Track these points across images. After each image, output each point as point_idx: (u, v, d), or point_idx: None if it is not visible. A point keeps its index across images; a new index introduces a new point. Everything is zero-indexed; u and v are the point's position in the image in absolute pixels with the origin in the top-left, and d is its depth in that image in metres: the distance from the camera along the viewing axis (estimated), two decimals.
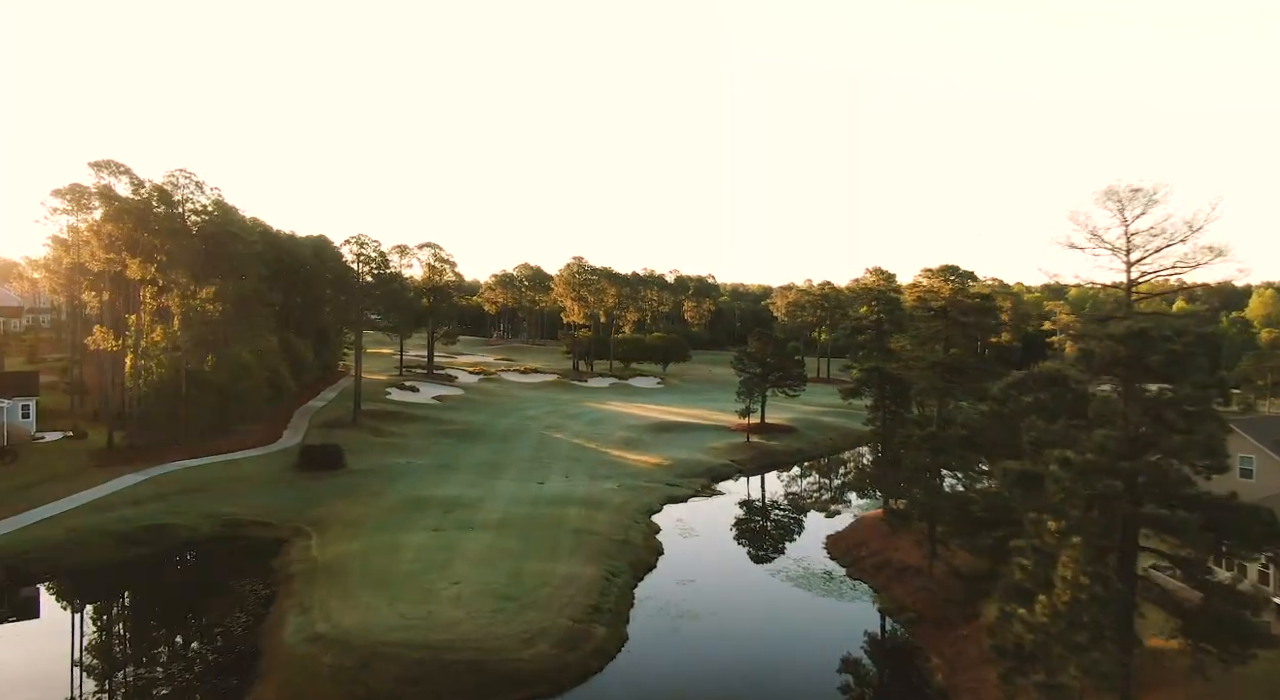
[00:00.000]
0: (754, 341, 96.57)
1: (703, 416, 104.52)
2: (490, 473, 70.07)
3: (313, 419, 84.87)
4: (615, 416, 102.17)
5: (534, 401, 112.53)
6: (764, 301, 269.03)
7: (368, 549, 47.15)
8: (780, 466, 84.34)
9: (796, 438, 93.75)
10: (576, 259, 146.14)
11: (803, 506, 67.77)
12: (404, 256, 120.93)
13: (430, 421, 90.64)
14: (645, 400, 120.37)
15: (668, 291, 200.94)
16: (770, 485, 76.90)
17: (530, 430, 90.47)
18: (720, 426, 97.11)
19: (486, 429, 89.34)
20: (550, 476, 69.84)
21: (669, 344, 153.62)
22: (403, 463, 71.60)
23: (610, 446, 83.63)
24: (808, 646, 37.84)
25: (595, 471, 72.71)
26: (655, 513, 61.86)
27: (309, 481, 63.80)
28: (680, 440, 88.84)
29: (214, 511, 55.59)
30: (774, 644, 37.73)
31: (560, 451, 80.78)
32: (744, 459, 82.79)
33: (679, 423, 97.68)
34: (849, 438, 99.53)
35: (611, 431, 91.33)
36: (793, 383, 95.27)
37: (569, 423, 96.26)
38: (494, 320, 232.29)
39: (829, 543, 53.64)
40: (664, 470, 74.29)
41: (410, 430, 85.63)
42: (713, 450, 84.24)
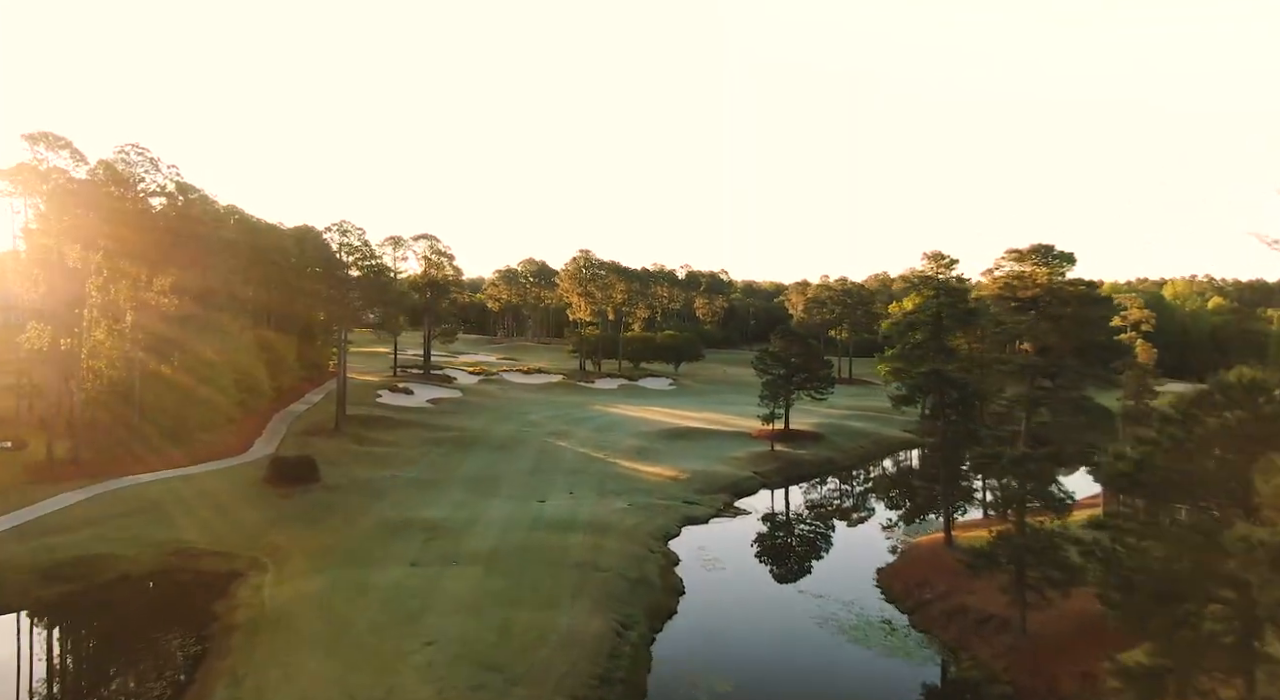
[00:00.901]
0: (777, 340, 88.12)
1: (720, 421, 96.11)
2: (484, 489, 61.87)
3: (292, 425, 76.82)
4: (625, 422, 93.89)
5: (537, 405, 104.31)
6: (776, 299, 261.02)
7: (330, 589, 39.01)
8: (808, 479, 75.87)
9: (824, 446, 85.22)
10: (583, 252, 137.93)
11: (841, 528, 59.39)
12: (398, 249, 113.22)
13: (422, 428, 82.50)
14: (657, 403, 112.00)
15: (678, 288, 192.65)
16: (800, 501, 68.51)
17: (531, 438, 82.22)
18: (740, 433, 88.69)
19: (483, 436, 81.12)
20: (552, 493, 61.61)
21: (681, 343, 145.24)
22: (386, 477, 63.45)
23: (620, 457, 75.33)
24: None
25: (603, 487, 64.44)
26: (673, 537, 53.58)
27: (277, 499, 55.69)
28: (697, 449, 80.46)
29: (160, 538, 47.52)
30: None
31: (564, 463, 72.53)
32: (768, 471, 74.35)
33: (695, 429, 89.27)
34: (881, 445, 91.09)
35: (621, 439, 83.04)
36: (821, 385, 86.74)
37: (574, 429, 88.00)
38: (498, 318, 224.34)
39: (882, 579, 45.17)
40: (680, 485, 65.95)
41: (399, 438, 77.49)
42: (733, 461, 75.83)
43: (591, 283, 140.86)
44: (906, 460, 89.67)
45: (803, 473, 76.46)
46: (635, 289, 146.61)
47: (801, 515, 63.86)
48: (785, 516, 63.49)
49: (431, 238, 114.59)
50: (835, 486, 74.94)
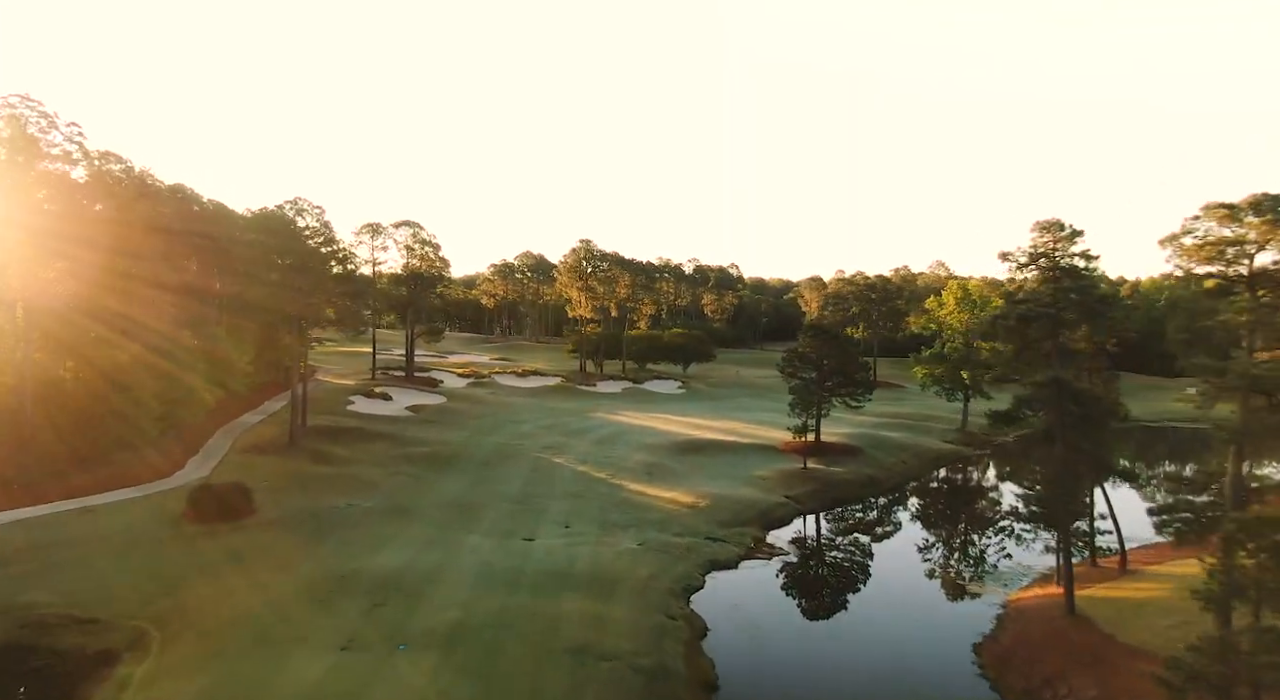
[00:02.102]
0: (806, 338, 76.38)
1: (739, 431, 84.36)
2: (460, 521, 50.12)
3: (238, 440, 65.12)
4: (630, 432, 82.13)
5: (531, 412, 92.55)
6: (786, 296, 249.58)
7: (211, 695, 27.31)
8: (849, 502, 64.07)
9: (863, 461, 73.38)
10: (584, 242, 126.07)
11: (907, 573, 47.65)
12: (376, 237, 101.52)
13: (395, 441, 70.72)
14: (666, 409, 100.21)
15: (685, 283, 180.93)
16: (845, 534, 56.69)
17: (522, 453, 70.44)
18: (763, 445, 76.91)
19: (466, 452, 69.33)
20: (543, 527, 49.97)
21: (690, 342, 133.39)
22: (341, 506, 51.69)
23: (625, 477, 63.59)
24: None
25: (606, 518, 52.74)
26: (696, 590, 41.93)
27: (195, 541, 43.99)
28: (716, 466, 68.68)
29: (18, 599, 35.90)
30: None
31: (559, 484, 60.80)
32: (802, 494, 62.55)
33: (711, 442, 77.43)
34: (924, 459, 79.22)
35: (626, 454, 71.29)
36: (857, 390, 74.90)
37: (572, 441, 76.24)
38: (494, 316, 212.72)
39: (987, 661, 33.34)
40: (700, 515, 54.18)
41: (366, 454, 65.73)
42: (760, 482, 64.05)
43: (592, 277, 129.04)
44: (961, 477, 77.79)
45: (842, 495, 64.60)
46: (640, 283, 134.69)
47: (853, 556, 51.93)
48: (832, 557, 51.67)
49: (414, 225, 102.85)
50: (884, 513, 63.09)
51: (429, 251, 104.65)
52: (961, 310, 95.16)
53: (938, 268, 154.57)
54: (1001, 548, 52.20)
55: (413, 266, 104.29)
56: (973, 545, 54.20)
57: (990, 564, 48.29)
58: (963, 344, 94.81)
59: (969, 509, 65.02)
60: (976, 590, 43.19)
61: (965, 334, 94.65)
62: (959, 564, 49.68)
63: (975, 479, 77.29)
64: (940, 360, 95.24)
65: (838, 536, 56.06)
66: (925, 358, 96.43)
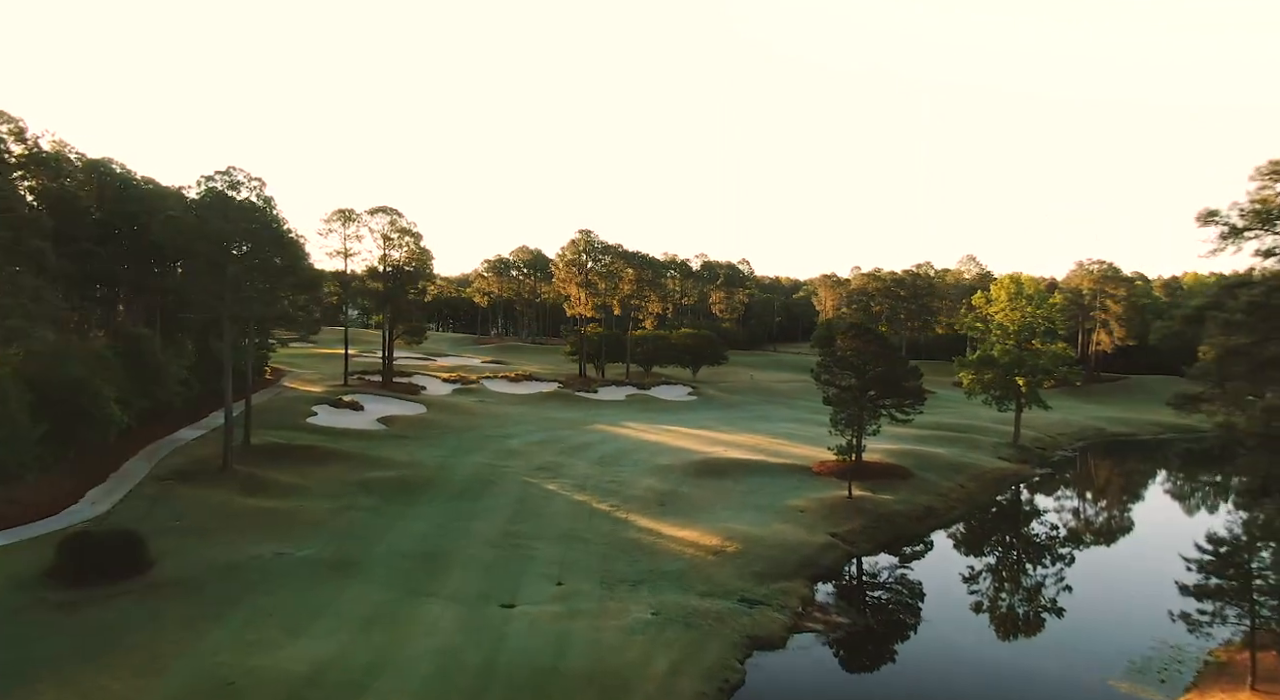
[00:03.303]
0: (846, 339, 64.54)
1: (763, 447, 72.74)
2: (420, 578, 38.45)
3: (160, 464, 53.49)
4: (637, 448, 70.54)
5: (523, 423, 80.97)
6: (795, 295, 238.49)
7: None
8: (908, 540, 52.34)
9: (914, 486, 61.71)
10: (583, 233, 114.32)
11: (1019, 658, 35.78)
12: (349, 226, 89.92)
13: (356, 463, 59.09)
14: (677, 420, 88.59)
15: (692, 280, 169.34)
16: (914, 588, 44.85)
17: (509, 477, 58.77)
18: (793, 466, 65.30)
19: (440, 477, 57.65)
20: (528, 584, 38.37)
21: (700, 343, 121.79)
22: (267, 557, 40.01)
23: (633, 508, 51.99)
24: None
25: (610, 569, 41.13)
26: (736, 688, 30.31)
27: (49, 616, 32.33)
28: (741, 493, 57.07)
29: None
30: None
31: (552, 520, 49.13)
32: (851, 531, 50.85)
33: (733, 462, 65.73)
34: (984, 483, 67.39)
35: (634, 477, 59.71)
36: (909, 401, 63.07)
37: (569, 461, 64.65)
38: (489, 316, 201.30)
39: None
40: (729, 563, 42.54)
41: (317, 480, 54.07)
42: (797, 515, 52.40)
43: (593, 272, 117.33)
44: (1033, 506, 65.96)
45: (898, 532, 52.83)
46: (646, 279, 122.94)
47: (938, 630, 39.69)
48: (909, 633, 39.68)
49: (392, 212, 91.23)
50: (956, 558, 51.24)
51: (409, 242, 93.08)
52: (1014, 307, 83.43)
53: (968, 263, 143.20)
54: (1140, 622, 39.48)
55: (391, 259, 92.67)
56: (1097, 616, 41.81)
57: (1141, 653, 35.02)
58: (1015, 345, 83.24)
59: (1065, 556, 52.57)
60: (1130, 691, 31.14)
61: (1018, 333, 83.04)
62: (1087, 646, 37.37)
63: (1052, 510, 65.28)
64: (989, 364, 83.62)
65: (908, 596, 44.22)
66: (972, 361, 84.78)
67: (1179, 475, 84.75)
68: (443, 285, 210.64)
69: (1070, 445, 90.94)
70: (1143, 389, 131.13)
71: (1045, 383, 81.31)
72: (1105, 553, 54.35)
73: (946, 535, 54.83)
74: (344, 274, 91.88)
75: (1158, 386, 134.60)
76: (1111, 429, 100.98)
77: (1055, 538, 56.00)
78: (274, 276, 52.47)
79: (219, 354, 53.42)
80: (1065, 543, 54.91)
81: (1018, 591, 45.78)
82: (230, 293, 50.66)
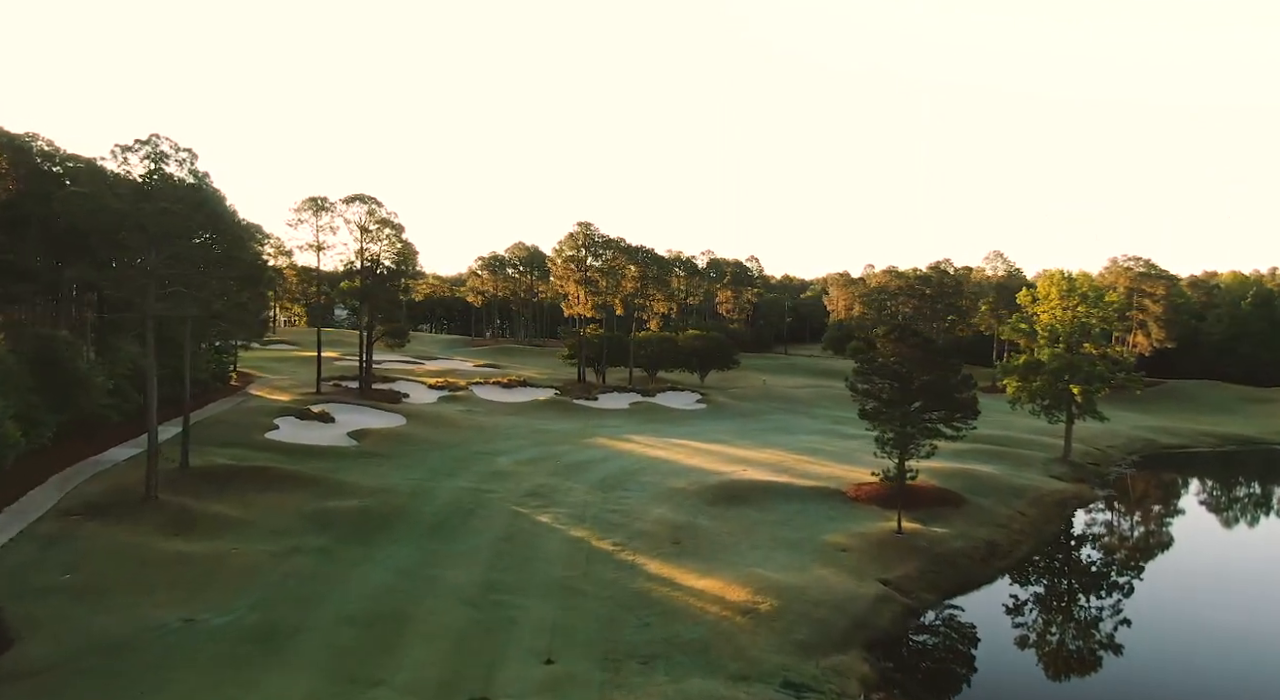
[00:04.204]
0: (888, 343, 55.50)
1: (787, 466, 63.79)
2: (366, 658, 29.47)
3: (72, 494, 44.45)
4: (644, 467, 61.63)
5: (514, 437, 72.08)
6: (803, 294, 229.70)
7: None
8: (972, 586, 43.36)
9: (969, 515, 52.76)
10: (582, 226, 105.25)
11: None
12: (321, 215, 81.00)
13: (314, 489, 50.04)
14: (686, 432, 79.68)
15: (697, 278, 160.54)
16: (1009, 655, 35.81)
17: (494, 506, 49.75)
18: (825, 489, 56.38)
19: (413, 506, 48.61)
20: (508, 662, 29.54)
21: (709, 345, 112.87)
22: (173, 627, 31.02)
23: (642, 547, 43.09)
24: None
25: (614, 640, 32.25)
26: None
27: None
28: (769, 526, 48.16)
29: None
30: None
31: (542, 566, 40.17)
32: (906, 577, 41.88)
33: (755, 485, 56.73)
34: (1045, 508, 58.29)
35: (641, 506, 50.76)
36: (960, 414, 53.94)
37: (566, 485, 55.71)
38: (484, 316, 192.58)
39: None
40: (764, 627, 33.65)
41: (260, 514, 45.06)
42: (838, 555, 43.47)
43: (594, 269, 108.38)
44: (1111, 537, 56.85)
45: (962, 577, 43.80)
46: (651, 276, 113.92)
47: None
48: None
49: (370, 200, 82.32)
50: (1042, 614, 42.16)
51: (390, 234, 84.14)
52: (1065, 306, 74.48)
53: (994, 260, 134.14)
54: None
55: (369, 252, 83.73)
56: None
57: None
58: (1065, 349, 74.35)
59: (1178, 609, 43.38)
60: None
61: (1070, 335, 74.12)
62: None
63: (1137, 545, 56.06)
64: (1036, 370, 74.71)
65: (995, 669, 35.16)
66: (1017, 367, 75.86)
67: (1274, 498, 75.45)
68: (436, 284, 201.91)
69: (1123, 459, 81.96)
70: (1183, 395, 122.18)
71: (1101, 391, 72.39)
72: (1233, 602, 44.11)
73: (1019, 579, 45.78)
74: (316, 270, 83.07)
75: (1200, 392, 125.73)
76: (1162, 441, 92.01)
77: (1153, 582, 47.00)
78: (209, 268, 43.50)
79: (139, 361, 44.43)
80: (1172, 590, 45.81)
81: (1127, 657, 36.80)
82: (154, 288, 41.66)
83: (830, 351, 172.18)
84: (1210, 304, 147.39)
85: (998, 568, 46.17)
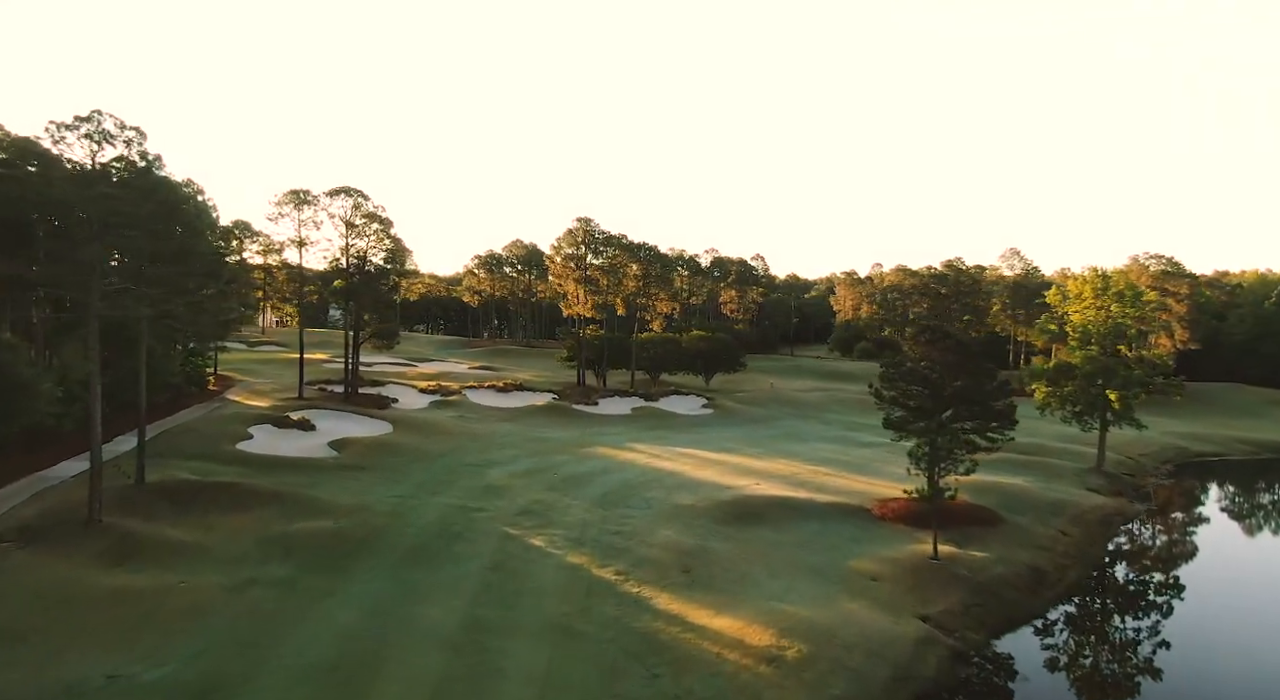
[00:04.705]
0: (917, 345, 50.71)
1: (803, 478, 58.95)
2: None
3: (6, 515, 39.58)
4: (648, 481, 56.74)
5: (508, 446, 67.21)
6: (807, 294, 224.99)
7: None
8: (1020, 621, 38.47)
9: (1007, 536, 47.85)
10: (582, 221, 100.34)
11: None
12: (303, 209, 76.18)
13: (283, 507, 45.11)
14: (693, 440, 74.79)
15: (700, 277, 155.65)
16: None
17: (482, 528, 44.77)
18: (846, 505, 51.51)
19: (391, 528, 43.65)
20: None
21: (715, 347, 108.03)
22: (95, 686, 26.07)
23: (648, 575, 38.17)
24: None
25: (617, 695, 27.44)
26: None
27: None
28: (790, 549, 43.32)
29: None
30: None
31: (535, 600, 35.23)
32: (948, 611, 36.98)
33: (771, 500, 51.82)
34: (1087, 526, 53.34)
35: (646, 525, 45.84)
36: (997, 423, 48.89)
37: (563, 500, 50.79)
38: (481, 316, 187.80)
39: None
40: (792, 677, 28.83)
41: (220, 538, 40.12)
42: (868, 585, 38.66)
43: (594, 267, 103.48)
44: (1165, 556, 51.75)
45: (1009, 610, 38.86)
46: (654, 274, 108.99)
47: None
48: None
49: (356, 193, 77.43)
50: (1103, 651, 37.26)
51: (378, 229, 79.25)
52: (1099, 306, 69.60)
53: (1010, 258, 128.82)
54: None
55: (355, 249, 78.85)
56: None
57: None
58: (1100, 352, 69.48)
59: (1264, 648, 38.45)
60: None
61: (1105, 337, 69.25)
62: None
63: (1195, 570, 50.91)
64: (1066, 374, 69.84)
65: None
66: (1046, 370, 70.96)
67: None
68: (432, 284, 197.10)
69: (1156, 469, 77.12)
70: (1208, 398, 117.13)
71: (1139, 396, 67.51)
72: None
73: (1072, 612, 40.84)
74: (299, 267, 78.24)
75: (1223, 395, 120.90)
76: (1194, 448, 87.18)
77: (1223, 613, 42.07)
78: (159, 263, 38.60)
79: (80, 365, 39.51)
80: (1250, 624, 40.88)
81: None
82: (97, 284, 36.77)
83: (837, 353, 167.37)
84: (1231, 304, 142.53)
85: (1047, 598, 41.28)
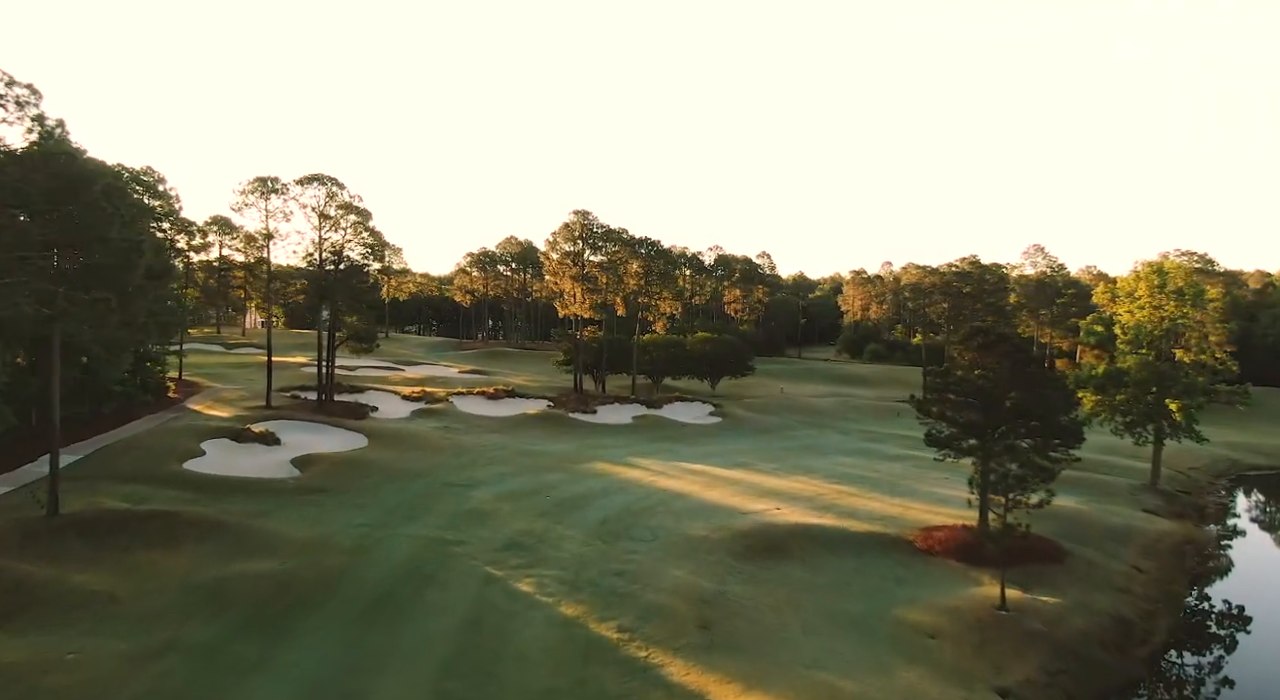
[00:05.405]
0: (967, 351, 43.75)
1: (829, 500, 51.89)
2: None
3: None
4: (654, 505, 49.60)
5: (496, 462, 60.08)
6: (812, 293, 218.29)
7: None
8: (1118, 690, 31.51)
9: (1075, 574, 40.90)
10: (579, 214, 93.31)
11: None
12: (271, 199, 69.08)
13: (222, 544, 37.93)
14: (701, 454, 67.74)
15: (703, 275, 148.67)
16: None
17: (458, 568, 37.56)
18: (883, 535, 44.48)
19: (350, 570, 36.37)
20: None
21: (721, 350, 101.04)
22: None
23: (658, 635, 31.06)
24: None
25: None
26: None
27: None
28: (823, 592, 36.34)
29: None
30: None
31: (519, 669, 28.11)
32: (1027, 681, 30.00)
33: (796, 529, 44.63)
34: (1161, 559, 46.32)
35: (654, 563, 38.74)
36: (1061, 440, 41.85)
37: (557, 530, 43.65)
38: (473, 317, 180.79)
39: None
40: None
41: (135, 587, 32.95)
42: (926, 643, 31.69)
43: (592, 264, 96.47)
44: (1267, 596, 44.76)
45: (1103, 680, 31.81)
46: (657, 271, 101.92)
47: None
48: None
49: (330, 181, 70.38)
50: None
51: (355, 221, 72.18)
52: (1155, 305, 62.67)
53: (1034, 256, 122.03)
54: None
55: (330, 242, 71.74)
56: None
57: None
58: (1155, 356, 62.61)
59: None
60: None
61: (1160, 340, 62.38)
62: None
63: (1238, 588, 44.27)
64: (1117, 381, 62.91)
65: None
66: (1096, 377, 64.01)
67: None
68: (424, 283, 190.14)
69: (1212, 485, 70.27)
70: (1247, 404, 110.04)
71: (1202, 406, 60.66)
72: None
73: (1172, 677, 33.84)
74: (265, 263, 71.19)
75: (1261, 400, 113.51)
76: (1248, 461, 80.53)
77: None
78: (61, 252, 31.59)
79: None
80: None
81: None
82: None
83: (846, 355, 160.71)
84: (1262, 303, 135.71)
85: (1139, 657, 34.26)
